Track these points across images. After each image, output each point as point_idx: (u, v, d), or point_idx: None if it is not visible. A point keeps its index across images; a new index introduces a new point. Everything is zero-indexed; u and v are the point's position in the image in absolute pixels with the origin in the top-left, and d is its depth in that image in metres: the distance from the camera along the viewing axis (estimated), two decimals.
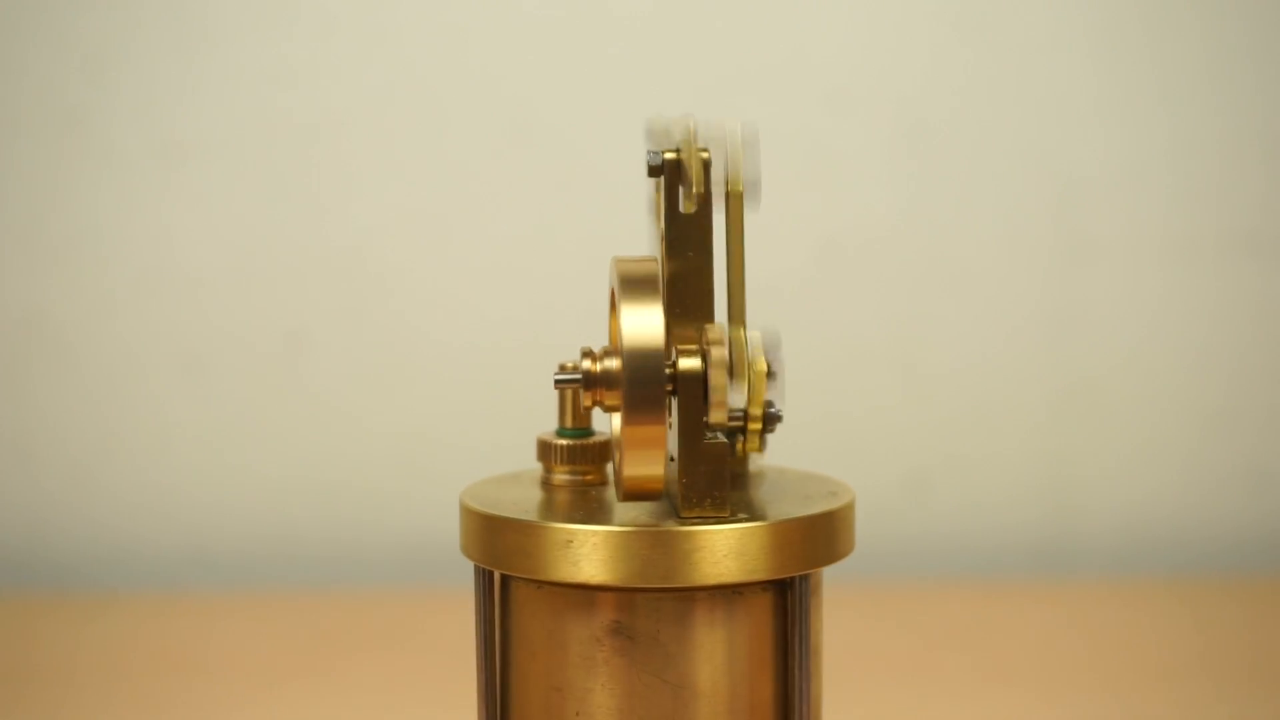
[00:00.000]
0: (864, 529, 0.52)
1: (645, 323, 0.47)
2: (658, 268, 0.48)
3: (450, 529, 0.78)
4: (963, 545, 1.09)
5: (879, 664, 0.88)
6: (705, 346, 0.47)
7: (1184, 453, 1.10)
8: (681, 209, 0.49)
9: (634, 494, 0.48)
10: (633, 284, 0.47)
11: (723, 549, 0.47)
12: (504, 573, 0.50)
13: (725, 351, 0.47)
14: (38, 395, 1.08)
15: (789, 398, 0.57)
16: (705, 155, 0.49)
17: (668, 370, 0.48)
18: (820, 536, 0.49)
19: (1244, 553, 1.09)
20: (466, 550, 0.51)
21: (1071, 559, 1.10)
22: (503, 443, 0.86)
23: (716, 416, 0.47)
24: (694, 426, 0.47)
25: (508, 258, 1.08)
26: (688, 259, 0.49)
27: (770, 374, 0.51)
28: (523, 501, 0.51)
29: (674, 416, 0.49)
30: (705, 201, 0.49)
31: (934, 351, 1.09)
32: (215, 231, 1.08)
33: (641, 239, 0.53)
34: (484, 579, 0.51)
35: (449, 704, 0.81)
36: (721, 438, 0.48)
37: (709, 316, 0.50)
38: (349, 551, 1.08)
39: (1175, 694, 0.83)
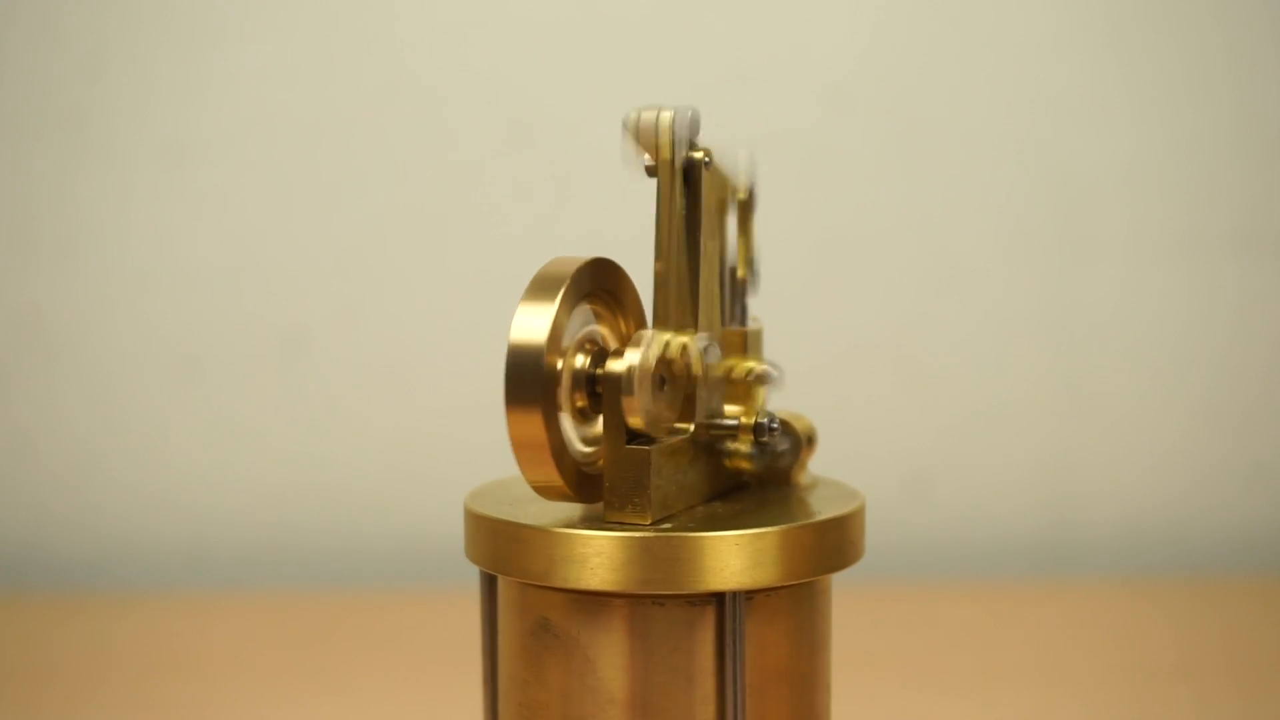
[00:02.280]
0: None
1: (531, 322, 0.47)
2: (572, 269, 0.48)
3: (448, 529, 0.78)
4: (963, 546, 1.09)
5: (879, 664, 0.88)
6: (625, 350, 0.47)
7: (1184, 452, 1.10)
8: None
9: (543, 494, 0.49)
10: (538, 283, 0.48)
11: (638, 557, 0.46)
12: (472, 561, 0.51)
13: (642, 355, 0.47)
14: (37, 395, 1.08)
15: (792, 399, 0.57)
16: (698, 156, 0.50)
17: (600, 371, 0.48)
18: (780, 550, 0.47)
19: (1245, 551, 1.09)
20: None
21: (1072, 559, 1.10)
22: (502, 444, 0.86)
23: (634, 421, 0.47)
24: (616, 430, 0.47)
25: (507, 258, 1.08)
26: (673, 261, 0.49)
27: (740, 379, 0.50)
28: (505, 501, 0.51)
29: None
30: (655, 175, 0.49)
31: (934, 352, 1.09)
32: (215, 231, 1.08)
33: (639, 239, 0.53)
34: (485, 573, 0.52)
35: (448, 704, 0.81)
36: (645, 444, 0.47)
37: (690, 320, 0.50)
38: (349, 551, 1.08)
39: (1175, 693, 0.83)
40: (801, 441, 0.53)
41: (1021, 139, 1.08)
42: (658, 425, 0.48)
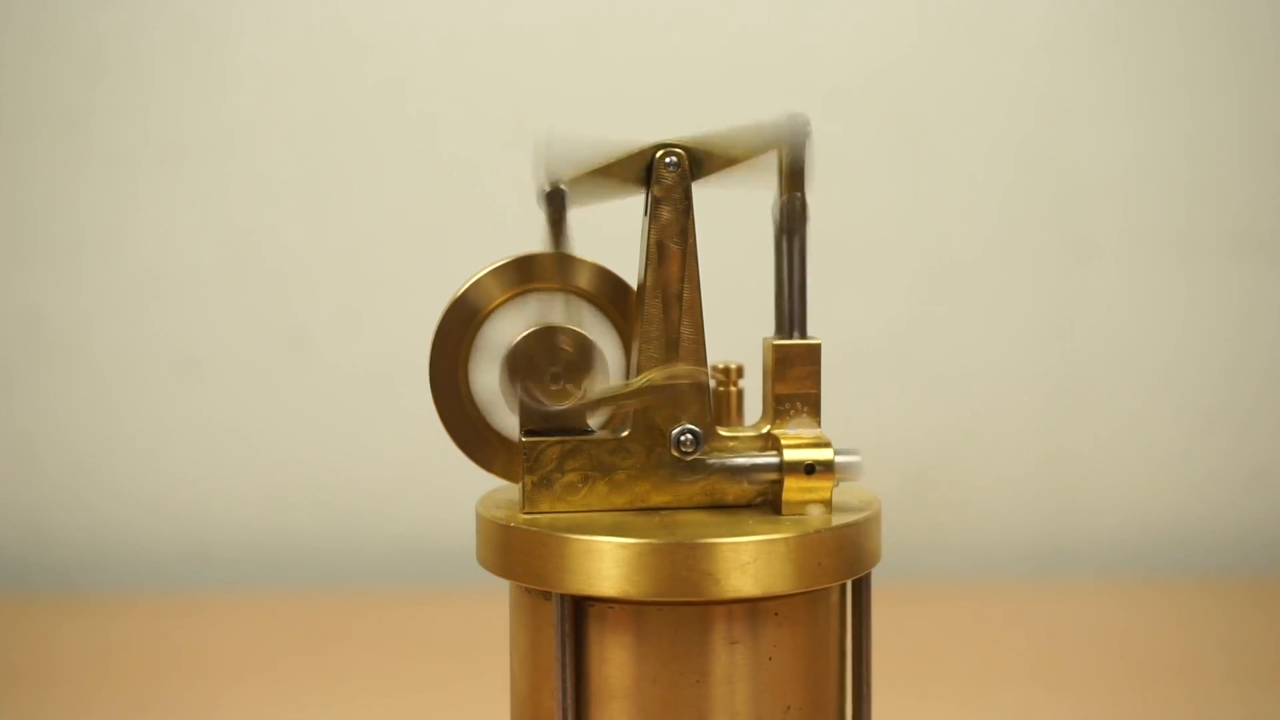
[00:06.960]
0: None
1: (463, 286, 0.51)
2: (515, 260, 0.53)
3: (448, 530, 0.78)
4: (963, 546, 1.09)
5: (878, 664, 0.88)
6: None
7: (1183, 453, 1.10)
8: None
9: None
10: (491, 268, 0.52)
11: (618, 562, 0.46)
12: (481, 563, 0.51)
13: (531, 341, 0.48)
14: (37, 395, 1.08)
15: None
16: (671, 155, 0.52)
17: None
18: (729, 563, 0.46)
19: (1243, 552, 1.09)
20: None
21: (1072, 559, 1.10)
22: None
23: (511, 408, 0.48)
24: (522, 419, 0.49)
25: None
26: (654, 261, 0.51)
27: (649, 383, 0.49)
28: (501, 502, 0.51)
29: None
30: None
31: (934, 352, 1.09)
32: (215, 233, 1.08)
33: (635, 238, 0.54)
34: None
35: (448, 703, 0.81)
36: (552, 437, 0.47)
37: (666, 318, 0.50)
38: (348, 553, 1.08)
39: (1175, 693, 0.83)
40: (783, 466, 0.49)
41: (1021, 139, 1.08)
42: (557, 419, 0.48)
